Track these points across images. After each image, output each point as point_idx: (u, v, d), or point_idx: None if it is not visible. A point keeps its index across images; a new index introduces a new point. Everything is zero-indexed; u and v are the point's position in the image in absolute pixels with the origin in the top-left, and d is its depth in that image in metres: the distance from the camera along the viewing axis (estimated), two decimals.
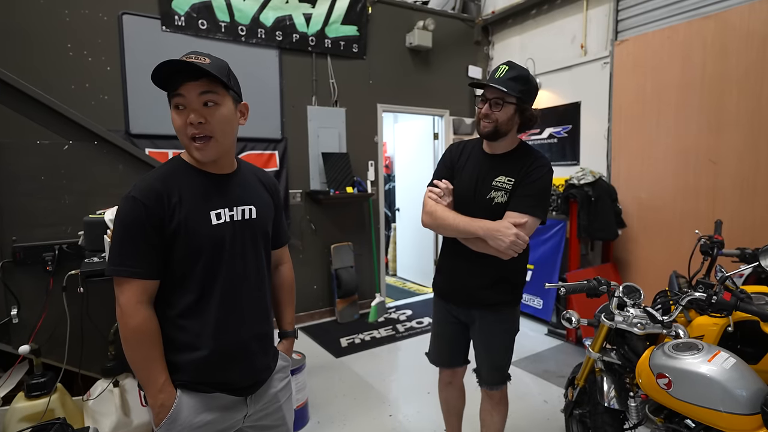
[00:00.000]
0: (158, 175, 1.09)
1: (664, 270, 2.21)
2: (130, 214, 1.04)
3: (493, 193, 1.61)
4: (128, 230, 1.04)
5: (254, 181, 1.25)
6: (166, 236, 1.05)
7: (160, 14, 3.36)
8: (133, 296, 1.04)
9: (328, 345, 3.65)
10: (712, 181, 3.22)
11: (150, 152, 3.24)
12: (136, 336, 1.04)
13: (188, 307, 1.09)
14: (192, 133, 1.06)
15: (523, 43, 4.77)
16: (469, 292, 1.73)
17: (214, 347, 1.10)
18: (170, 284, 1.09)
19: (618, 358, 1.67)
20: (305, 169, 4.13)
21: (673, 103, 3.42)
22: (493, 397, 1.86)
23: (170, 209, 1.05)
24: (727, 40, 3.09)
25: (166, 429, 1.07)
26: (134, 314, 1.04)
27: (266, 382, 1.24)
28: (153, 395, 1.06)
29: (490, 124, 1.57)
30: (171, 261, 1.07)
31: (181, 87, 1.04)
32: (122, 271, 1.04)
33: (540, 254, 3.92)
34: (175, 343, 1.09)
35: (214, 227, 1.10)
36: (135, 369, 1.07)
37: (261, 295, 1.22)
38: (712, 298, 1.51)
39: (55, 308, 2.03)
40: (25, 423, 1.84)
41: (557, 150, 4.43)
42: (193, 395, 1.10)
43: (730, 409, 1.23)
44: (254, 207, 1.20)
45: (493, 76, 1.56)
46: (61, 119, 2.09)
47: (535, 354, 3.41)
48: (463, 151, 1.74)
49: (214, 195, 1.12)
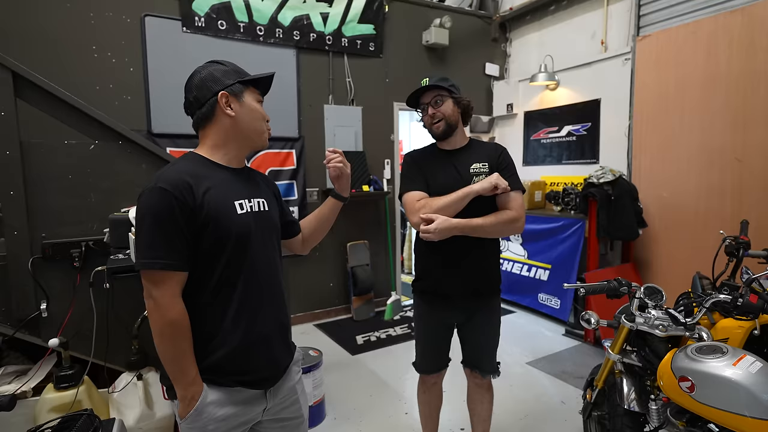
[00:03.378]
0: (183, 168, 1.12)
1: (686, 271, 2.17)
2: (160, 205, 1.03)
3: (476, 179, 1.71)
4: (159, 221, 1.03)
5: (257, 177, 1.33)
6: (196, 226, 1.07)
7: (181, 16, 3.43)
8: (168, 289, 1.04)
9: (344, 342, 3.68)
10: (737, 180, 3.14)
11: (171, 151, 3.31)
12: (172, 329, 1.05)
13: (212, 299, 1.11)
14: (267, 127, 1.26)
15: (542, 39, 4.71)
16: (468, 288, 1.76)
17: (239, 337, 1.12)
18: (195, 276, 1.09)
19: (639, 360, 1.65)
20: (322, 168, 4.15)
21: (697, 99, 3.34)
22: (483, 386, 1.93)
23: (200, 199, 1.07)
24: (754, 35, 3.00)
25: (192, 421, 1.08)
26: (171, 307, 1.04)
27: (284, 375, 1.26)
28: (184, 387, 1.07)
29: (441, 122, 1.73)
30: (198, 252, 1.08)
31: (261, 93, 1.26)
32: (156, 263, 1.03)
33: (558, 254, 3.88)
34: (200, 335, 1.10)
35: (240, 216, 1.14)
36: (167, 362, 1.07)
37: (278, 284, 1.26)
38: (737, 300, 1.47)
39: (82, 303, 2.10)
40: (54, 413, 1.90)
41: (576, 148, 4.37)
42: (216, 389, 1.11)
43: (756, 414, 1.21)
44: (265, 200, 1.26)
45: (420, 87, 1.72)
46: (87, 120, 2.15)
47: (553, 354, 3.38)
48: (423, 157, 1.82)
49: (235, 187, 1.18)
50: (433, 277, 1.81)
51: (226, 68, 1.19)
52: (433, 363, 1.94)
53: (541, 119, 4.73)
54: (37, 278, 2.06)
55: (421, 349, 1.94)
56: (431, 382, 1.98)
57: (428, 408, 2.05)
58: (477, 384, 1.95)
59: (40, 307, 2.06)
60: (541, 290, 4.05)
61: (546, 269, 4.01)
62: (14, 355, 2.32)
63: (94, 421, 1.71)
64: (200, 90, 1.16)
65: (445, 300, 1.79)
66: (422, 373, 1.96)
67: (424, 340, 1.93)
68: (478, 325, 1.84)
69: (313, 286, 4.17)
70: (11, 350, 2.32)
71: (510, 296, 4.42)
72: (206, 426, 1.09)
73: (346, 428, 2.49)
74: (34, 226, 2.06)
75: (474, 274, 1.75)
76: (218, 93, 1.15)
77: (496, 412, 1.98)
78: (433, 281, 1.81)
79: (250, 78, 1.21)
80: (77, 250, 2.10)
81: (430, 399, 2.03)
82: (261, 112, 1.23)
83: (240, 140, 1.21)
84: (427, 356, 1.94)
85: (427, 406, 2.05)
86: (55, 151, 2.10)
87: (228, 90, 1.16)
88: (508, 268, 4.40)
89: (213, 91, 1.15)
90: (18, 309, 2.04)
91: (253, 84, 1.22)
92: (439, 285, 1.79)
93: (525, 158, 4.95)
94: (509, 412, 2.59)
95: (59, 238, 2.09)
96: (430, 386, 2.00)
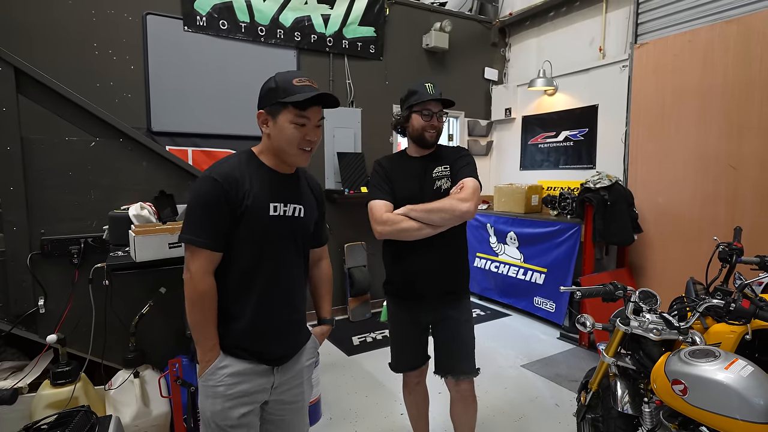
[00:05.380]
0: (235, 164, 1.26)
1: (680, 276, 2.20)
2: (210, 192, 1.20)
3: (438, 183, 1.79)
4: (206, 206, 1.20)
5: (305, 185, 1.42)
6: (234, 216, 1.22)
7: (183, 14, 3.44)
8: (203, 264, 1.21)
9: (340, 343, 3.69)
10: (732, 188, 3.18)
11: (170, 149, 3.30)
12: (202, 299, 1.22)
13: (237, 282, 1.26)
14: (306, 146, 1.26)
15: (540, 45, 4.75)
16: (438, 287, 1.79)
17: (252, 321, 1.27)
18: (227, 260, 1.25)
19: (633, 364, 1.66)
20: (320, 169, 4.17)
21: (693, 107, 3.38)
22: (466, 396, 1.90)
23: (242, 194, 1.22)
24: (750, 45, 3.04)
25: (205, 380, 1.26)
26: (203, 280, 1.21)
27: (295, 357, 1.39)
28: (204, 351, 1.25)
29: (435, 134, 1.80)
30: (231, 240, 1.24)
31: (308, 110, 1.24)
32: (197, 241, 1.20)
33: (553, 258, 3.90)
34: (223, 311, 1.26)
35: (271, 218, 1.27)
36: (194, 327, 1.24)
37: (297, 284, 1.37)
38: (730, 305, 1.50)
39: (80, 300, 2.10)
40: (50, 410, 1.90)
41: (573, 153, 4.40)
42: (231, 358, 1.27)
43: (747, 417, 1.23)
44: (303, 207, 1.36)
45: (430, 93, 1.76)
46: (88, 117, 2.16)
47: (547, 357, 3.40)
48: (391, 165, 1.86)
49: (276, 190, 1.29)
50: (402, 278, 1.84)
51: (274, 87, 1.24)
52: (407, 361, 1.95)
53: (538, 124, 4.76)
54: (36, 274, 2.06)
55: (394, 348, 1.97)
56: (414, 382, 2.00)
57: (415, 409, 2.06)
58: (460, 394, 1.91)
59: (37, 304, 2.07)
60: (536, 294, 4.08)
61: (542, 273, 4.04)
62: (11, 351, 2.32)
63: (90, 417, 1.71)
64: (258, 103, 1.28)
65: (415, 300, 1.83)
66: (398, 372, 1.98)
67: (398, 340, 1.96)
68: (449, 324, 1.85)
69: None
70: (8, 346, 2.31)
71: (506, 299, 4.45)
72: (216, 386, 1.25)
73: (342, 428, 2.50)
74: (34, 222, 2.06)
75: (442, 274, 1.79)
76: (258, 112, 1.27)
77: (490, 414, 1.99)
78: (402, 283, 1.84)
79: (287, 100, 1.20)
80: (76, 247, 2.10)
81: (416, 400, 2.04)
82: (290, 135, 1.23)
83: (278, 154, 1.29)
84: (401, 355, 1.96)
85: (414, 407, 2.06)
86: (55, 147, 2.11)
87: (266, 110, 1.25)
88: (504, 271, 4.43)
89: (258, 108, 1.27)
90: (16, 305, 2.05)
91: (293, 104, 1.21)
92: (409, 286, 1.82)
93: (522, 162, 4.98)
94: (504, 414, 2.61)
95: (58, 235, 2.10)
96: (413, 387, 2.01)
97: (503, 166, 5.26)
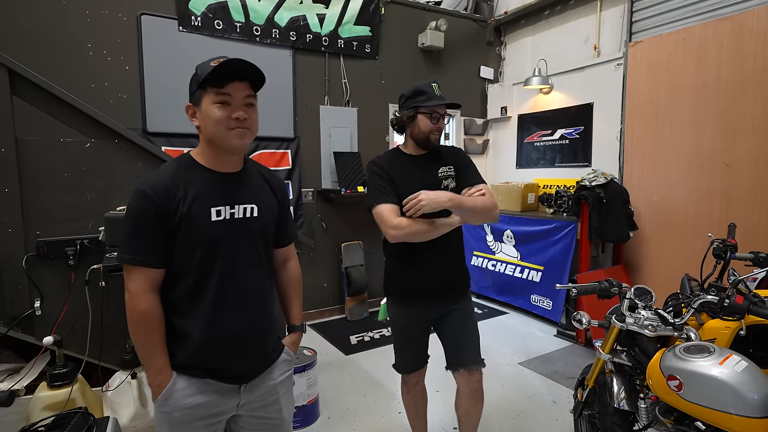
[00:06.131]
0: (168, 171, 1.17)
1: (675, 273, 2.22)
2: (139, 207, 1.11)
3: (445, 182, 1.80)
4: (138, 222, 1.12)
5: (259, 181, 1.30)
6: (170, 228, 1.13)
7: (177, 15, 3.42)
8: (141, 283, 1.13)
9: (337, 342, 3.69)
10: (726, 185, 3.20)
11: (166, 150, 3.30)
12: (142, 320, 1.13)
13: (185, 296, 1.16)
14: (235, 125, 1.14)
15: (536, 43, 4.76)
16: (439, 286, 1.81)
17: (205, 336, 1.17)
18: (171, 274, 1.16)
19: (628, 360, 1.68)
20: (317, 168, 4.17)
21: (687, 105, 3.40)
22: (476, 384, 1.89)
23: (175, 203, 1.13)
24: (744, 43, 3.07)
25: (160, 405, 1.16)
26: (142, 300, 1.13)
27: (264, 374, 1.28)
28: (152, 375, 1.16)
29: (440, 135, 1.81)
30: (173, 252, 1.15)
31: (229, 86, 1.13)
32: (132, 259, 1.12)
33: (550, 255, 3.92)
34: (173, 328, 1.17)
35: (215, 223, 1.17)
36: (138, 350, 1.17)
37: (257, 291, 1.26)
38: (724, 301, 1.51)
39: (77, 301, 2.09)
40: (47, 412, 1.89)
41: (569, 151, 4.42)
42: (186, 378, 1.17)
43: (741, 412, 1.24)
44: (256, 206, 1.24)
45: (437, 94, 1.75)
46: (83, 118, 2.15)
47: (544, 355, 3.42)
48: (391, 164, 1.82)
49: (216, 193, 1.18)
50: (403, 278, 1.84)
51: (194, 74, 1.15)
52: (413, 362, 1.95)
53: (534, 122, 4.78)
54: (32, 276, 2.05)
55: (399, 349, 1.96)
56: (413, 381, 2.00)
57: (414, 408, 2.06)
58: (468, 387, 1.90)
59: (34, 305, 2.06)
60: (533, 291, 4.10)
61: (538, 271, 4.06)
62: (7, 354, 2.31)
63: (88, 419, 1.71)
64: None
65: (420, 300, 1.83)
66: (404, 373, 1.97)
67: (402, 340, 1.95)
68: (455, 319, 1.86)
69: (307, 286, 4.16)
70: (4, 348, 2.31)
71: (503, 297, 4.46)
72: (172, 412, 1.16)
73: (340, 427, 2.50)
74: (29, 224, 2.05)
75: (443, 273, 1.81)
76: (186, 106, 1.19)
77: (488, 411, 1.99)
78: (403, 283, 1.84)
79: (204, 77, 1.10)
80: (72, 248, 2.10)
81: (415, 399, 2.04)
82: (214, 116, 1.12)
83: (214, 147, 1.18)
84: (406, 356, 1.95)
85: (412, 406, 2.06)
86: (50, 148, 2.10)
87: (192, 100, 1.17)
88: (501, 269, 4.44)
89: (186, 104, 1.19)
90: (12, 307, 2.04)
91: (210, 83, 1.11)
92: (410, 286, 1.83)
93: (518, 161, 5.00)
94: (501, 411, 2.62)
95: (54, 236, 2.09)
96: (412, 386, 2.01)
97: (499, 165, 5.27)
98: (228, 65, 1.10)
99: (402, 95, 1.85)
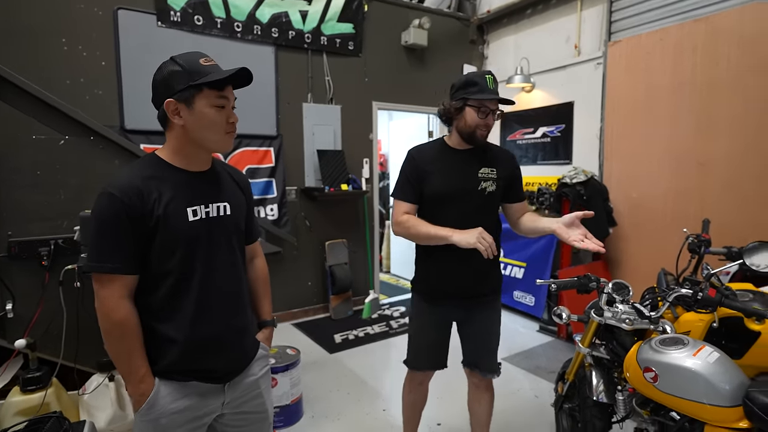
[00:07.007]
0: (137, 172, 1.12)
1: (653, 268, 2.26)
2: (108, 210, 1.06)
3: (483, 184, 1.72)
4: (107, 226, 1.06)
5: (228, 179, 1.29)
6: (145, 231, 1.08)
7: (156, 10, 3.35)
8: (115, 291, 1.07)
9: (322, 341, 3.68)
10: (701, 183, 3.28)
11: (145, 148, 3.22)
12: (119, 330, 1.08)
13: (165, 299, 1.13)
14: (231, 129, 1.16)
15: (518, 42, 4.80)
16: (472, 286, 1.76)
17: (189, 339, 1.14)
18: (149, 278, 1.12)
19: (607, 353, 1.71)
20: (300, 166, 4.14)
21: (664, 105, 3.47)
22: (480, 386, 1.92)
23: (150, 205, 1.08)
24: (717, 44, 3.14)
25: (144, 415, 1.12)
26: (116, 309, 1.07)
27: (244, 371, 1.27)
28: (134, 385, 1.11)
29: (487, 131, 1.71)
30: (149, 255, 1.10)
31: (226, 89, 1.13)
32: (103, 267, 1.06)
33: (532, 252, 3.97)
34: (152, 334, 1.13)
35: (191, 223, 1.14)
36: (116, 361, 1.12)
37: (236, 289, 1.25)
38: (698, 294, 1.55)
39: (51, 303, 2.04)
40: (20, 417, 1.84)
41: (550, 149, 4.48)
42: (169, 383, 1.14)
43: (714, 401, 1.28)
44: (228, 204, 1.23)
45: (490, 88, 1.64)
46: (57, 114, 2.10)
47: (527, 350, 3.46)
48: (426, 156, 1.77)
49: (191, 192, 1.16)
50: (433, 278, 1.79)
51: (180, 70, 1.09)
52: (430, 360, 1.89)
53: (517, 120, 4.82)
54: (3, 278, 1.99)
55: (416, 346, 1.90)
56: (418, 380, 1.95)
57: (412, 409, 2.03)
58: (476, 384, 1.93)
59: (5, 308, 2.00)
60: (516, 288, 4.14)
61: (521, 267, 4.10)
62: None
63: (63, 423, 1.66)
64: (156, 94, 1.14)
65: (445, 298, 1.79)
66: (414, 370, 1.92)
67: (422, 339, 1.88)
68: (478, 321, 1.83)
69: (291, 285, 4.14)
70: None
71: None
72: (158, 419, 1.12)
73: (324, 426, 2.49)
74: (0, 223, 1.99)
75: (474, 275, 1.75)
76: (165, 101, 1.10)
77: None
78: (433, 283, 1.80)
79: (203, 81, 1.08)
80: (46, 249, 2.05)
81: (416, 400, 2.01)
82: (213, 119, 1.11)
83: (195, 146, 1.16)
84: (423, 353, 1.89)
85: (411, 407, 2.02)
86: (22, 146, 2.04)
87: (176, 96, 1.09)
88: None
89: (162, 99, 1.11)
90: None
91: (211, 85, 1.10)
92: (439, 285, 1.78)
93: None
94: None
95: (27, 236, 2.03)
96: (416, 386, 1.97)
97: None
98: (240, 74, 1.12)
99: (453, 85, 1.74)
